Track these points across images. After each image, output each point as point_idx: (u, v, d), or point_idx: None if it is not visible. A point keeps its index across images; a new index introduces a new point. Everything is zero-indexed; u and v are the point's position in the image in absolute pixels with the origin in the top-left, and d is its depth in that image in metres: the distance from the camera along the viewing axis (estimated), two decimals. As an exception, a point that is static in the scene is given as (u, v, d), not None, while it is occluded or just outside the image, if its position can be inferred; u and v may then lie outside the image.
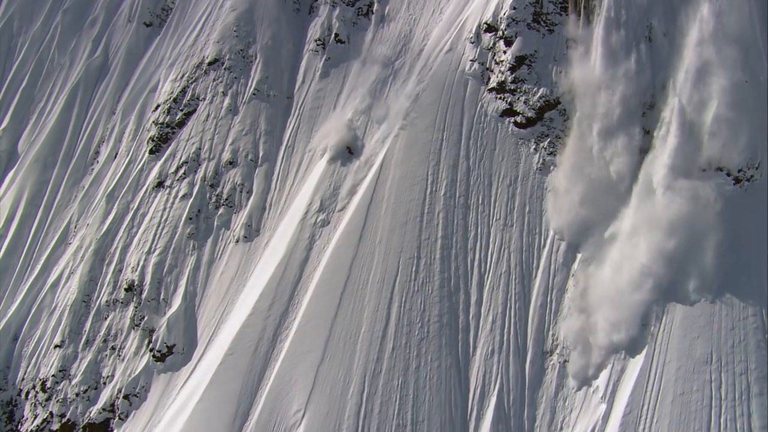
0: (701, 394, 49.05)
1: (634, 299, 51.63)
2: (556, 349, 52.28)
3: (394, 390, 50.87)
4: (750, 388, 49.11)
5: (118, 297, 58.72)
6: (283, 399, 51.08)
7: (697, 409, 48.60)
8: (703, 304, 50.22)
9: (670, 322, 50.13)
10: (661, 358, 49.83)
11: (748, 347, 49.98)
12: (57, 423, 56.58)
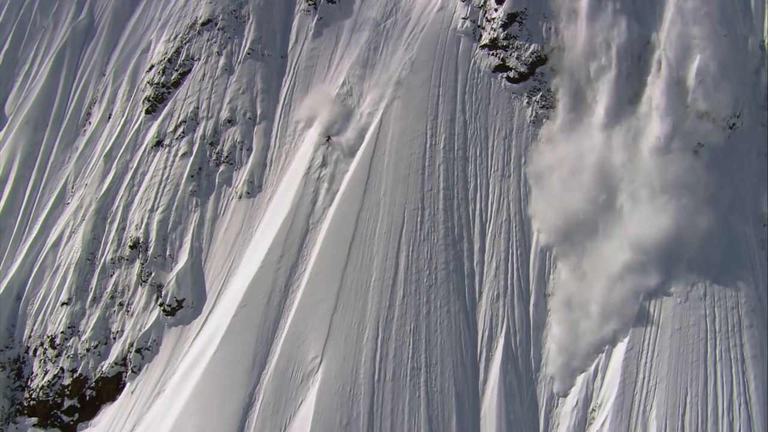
0: (697, 328, 52.30)
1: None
2: (557, 292, 55.08)
3: (407, 335, 52.86)
4: (741, 321, 52.53)
5: (123, 254, 59.40)
6: (299, 347, 52.64)
7: (694, 341, 51.84)
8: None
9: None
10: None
11: (739, 283, 53.54)
12: (68, 378, 57.21)
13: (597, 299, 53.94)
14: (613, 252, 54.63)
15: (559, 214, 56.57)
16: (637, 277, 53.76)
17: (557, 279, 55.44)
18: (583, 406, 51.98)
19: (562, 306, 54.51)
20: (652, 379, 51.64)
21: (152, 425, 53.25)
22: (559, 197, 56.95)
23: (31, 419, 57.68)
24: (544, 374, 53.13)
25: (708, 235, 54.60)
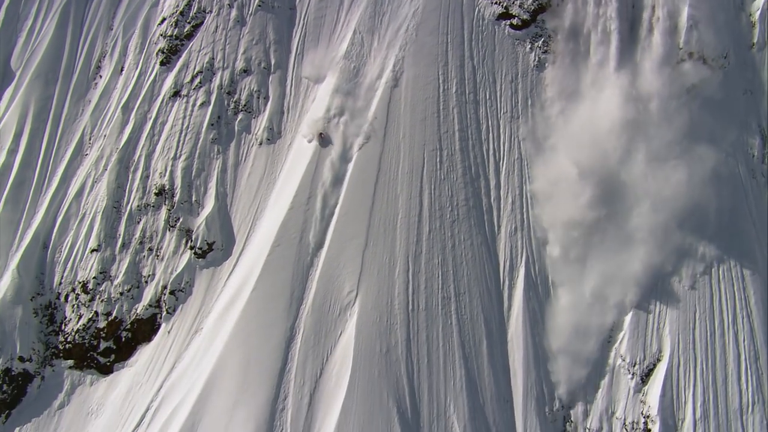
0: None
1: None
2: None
3: (435, 267, 56.08)
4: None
5: (148, 201, 61.00)
6: (335, 282, 55.40)
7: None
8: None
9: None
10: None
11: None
12: (103, 321, 58.88)
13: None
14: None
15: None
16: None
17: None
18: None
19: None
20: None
21: (194, 362, 55.55)
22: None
23: (67, 362, 59.30)
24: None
25: (715, 175, 59.35)
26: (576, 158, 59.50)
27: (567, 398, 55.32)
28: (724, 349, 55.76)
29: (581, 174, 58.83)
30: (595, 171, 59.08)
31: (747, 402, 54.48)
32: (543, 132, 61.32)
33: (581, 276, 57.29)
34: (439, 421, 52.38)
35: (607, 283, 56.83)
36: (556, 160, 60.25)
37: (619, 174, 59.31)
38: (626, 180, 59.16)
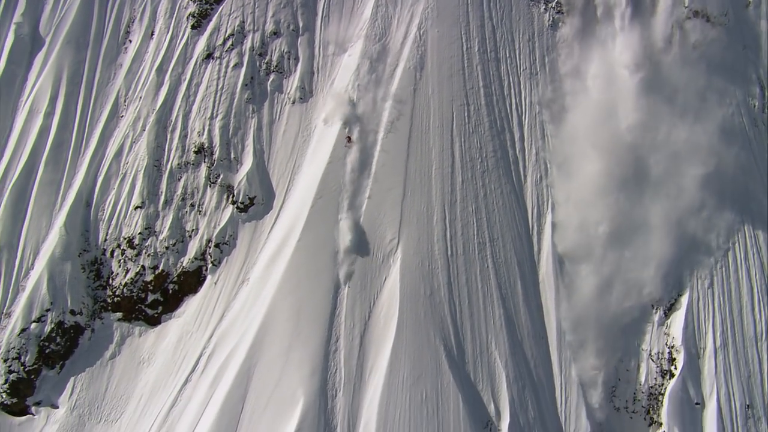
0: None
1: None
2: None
3: (470, 215, 59.50)
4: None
5: (188, 160, 63.38)
6: (377, 230, 58.56)
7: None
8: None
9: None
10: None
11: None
12: (150, 275, 61.32)
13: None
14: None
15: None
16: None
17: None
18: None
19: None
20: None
21: (244, 310, 58.38)
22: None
23: (116, 314, 61.69)
24: (589, 242, 61.30)
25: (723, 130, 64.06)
26: (590, 123, 63.54)
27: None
28: (739, 284, 60.18)
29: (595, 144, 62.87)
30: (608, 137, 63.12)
31: (761, 330, 58.97)
32: (558, 91, 65.12)
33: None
34: (483, 357, 56.01)
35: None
36: (571, 120, 64.13)
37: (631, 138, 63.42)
38: (639, 143, 63.17)
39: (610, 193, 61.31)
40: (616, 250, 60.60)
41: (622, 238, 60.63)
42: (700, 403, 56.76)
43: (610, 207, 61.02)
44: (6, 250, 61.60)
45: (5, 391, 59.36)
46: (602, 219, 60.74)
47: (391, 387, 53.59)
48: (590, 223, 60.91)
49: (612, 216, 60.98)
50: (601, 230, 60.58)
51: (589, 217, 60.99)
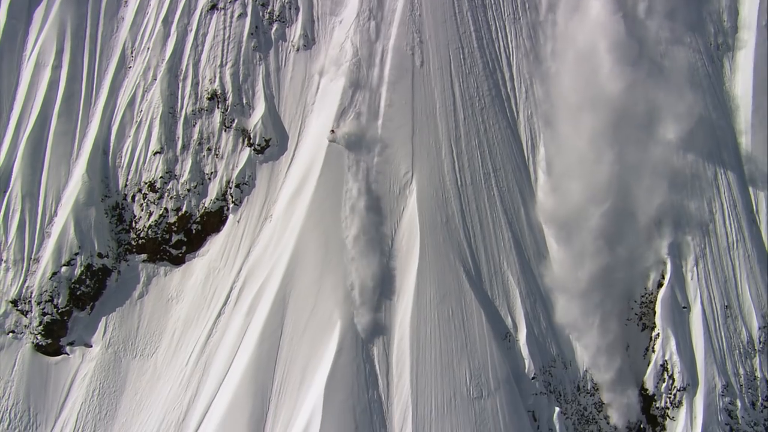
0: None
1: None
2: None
3: (474, 148, 64.47)
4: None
5: (202, 106, 66.15)
6: (392, 164, 62.96)
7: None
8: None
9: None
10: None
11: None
12: (173, 216, 64.16)
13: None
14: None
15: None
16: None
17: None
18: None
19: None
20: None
21: (271, 244, 62.13)
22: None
23: (141, 256, 64.46)
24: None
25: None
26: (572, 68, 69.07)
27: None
28: (711, 200, 67.06)
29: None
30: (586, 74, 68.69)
31: (732, 241, 66.14)
32: (539, 34, 70.40)
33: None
34: (497, 276, 61.41)
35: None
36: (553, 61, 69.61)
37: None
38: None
39: (595, 127, 66.86)
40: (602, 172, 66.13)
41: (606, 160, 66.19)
42: (687, 306, 63.60)
43: (594, 137, 66.61)
44: (28, 198, 63.42)
45: (40, 332, 61.68)
46: (587, 145, 66.35)
47: (420, 306, 58.51)
48: (577, 149, 66.45)
49: (593, 140, 66.55)
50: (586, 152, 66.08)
51: (576, 146, 66.52)
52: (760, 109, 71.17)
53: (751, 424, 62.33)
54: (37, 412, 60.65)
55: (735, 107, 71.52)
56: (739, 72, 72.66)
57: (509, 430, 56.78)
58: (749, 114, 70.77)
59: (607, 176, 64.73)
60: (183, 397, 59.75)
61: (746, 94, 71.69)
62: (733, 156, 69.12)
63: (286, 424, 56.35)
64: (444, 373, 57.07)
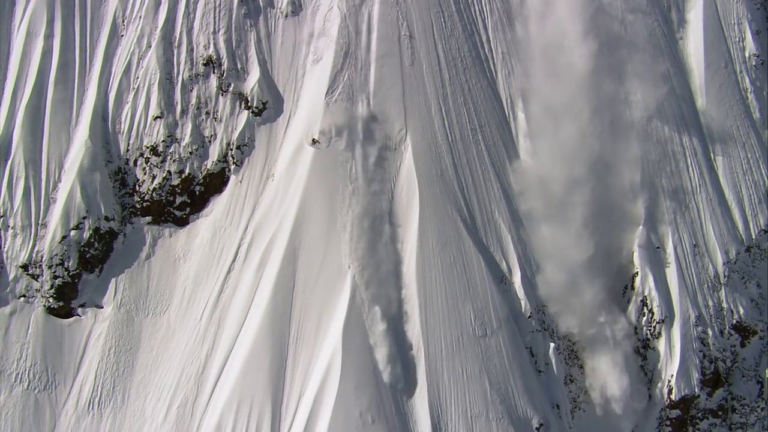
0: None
1: None
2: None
3: (460, 106, 68.45)
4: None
5: (198, 71, 68.09)
6: (385, 123, 66.31)
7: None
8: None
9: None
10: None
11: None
12: (177, 179, 66.23)
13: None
14: None
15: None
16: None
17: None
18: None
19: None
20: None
21: (275, 202, 64.79)
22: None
23: (145, 218, 66.42)
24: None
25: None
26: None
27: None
28: (674, 151, 72.81)
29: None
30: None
31: (695, 186, 72.11)
32: None
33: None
34: (490, 224, 65.67)
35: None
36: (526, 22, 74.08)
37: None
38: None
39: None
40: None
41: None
42: (660, 247, 69.26)
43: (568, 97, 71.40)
44: (31, 166, 64.51)
45: (52, 296, 63.18)
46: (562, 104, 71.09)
47: (424, 254, 62.29)
48: (553, 110, 71.14)
49: (568, 101, 71.32)
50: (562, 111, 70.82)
51: (551, 106, 71.18)
52: (712, 65, 77.42)
53: (720, 350, 68.57)
54: (55, 372, 62.29)
55: (689, 68, 77.56)
56: (691, 31, 78.64)
57: (512, 364, 61.24)
58: (702, 70, 76.83)
59: (581, 135, 69.62)
60: (200, 351, 62.24)
61: (698, 52, 77.83)
62: (692, 109, 75.01)
63: (306, 369, 59.52)
64: (450, 315, 61.07)
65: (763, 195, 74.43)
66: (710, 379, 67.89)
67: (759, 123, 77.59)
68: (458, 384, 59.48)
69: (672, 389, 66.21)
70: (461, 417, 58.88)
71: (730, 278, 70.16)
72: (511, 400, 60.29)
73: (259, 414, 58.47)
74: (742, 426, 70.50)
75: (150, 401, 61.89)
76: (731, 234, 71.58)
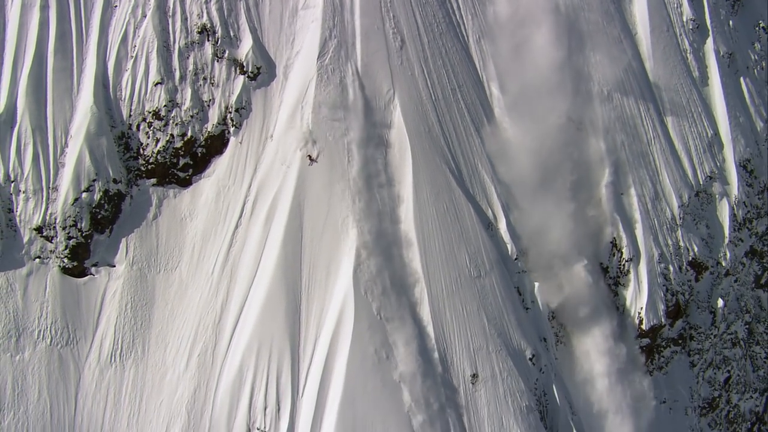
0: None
1: None
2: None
3: (440, 68, 73.71)
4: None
5: (193, 39, 71.02)
6: (374, 85, 70.87)
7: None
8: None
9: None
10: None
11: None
12: (179, 141, 69.33)
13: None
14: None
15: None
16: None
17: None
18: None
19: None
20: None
21: (277, 159, 68.57)
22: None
23: (150, 180, 69.45)
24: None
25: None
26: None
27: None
28: (630, 106, 79.82)
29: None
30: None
31: (650, 138, 79.40)
32: None
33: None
34: (475, 175, 71.20)
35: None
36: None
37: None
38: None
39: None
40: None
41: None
42: (624, 192, 76.30)
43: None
44: (38, 132, 66.69)
45: (66, 256, 65.80)
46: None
47: (420, 204, 67.31)
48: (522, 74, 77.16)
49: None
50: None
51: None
52: (656, 29, 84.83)
53: (680, 284, 76.14)
54: (75, 328, 65.10)
55: (636, 32, 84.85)
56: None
57: (505, 302, 67.12)
58: (648, 33, 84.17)
59: (549, 94, 76.04)
60: (215, 302, 66.01)
61: (643, 17, 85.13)
62: (642, 70, 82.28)
63: (319, 313, 64.13)
64: (448, 259, 66.44)
65: (706, 145, 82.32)
66: (672, 311, 75.30)
67: (698, 81, 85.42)
68: (459, 321, 64.99)
69: (642, 320, 73.42)
70: (464, 350, 64.49)
71: (684, 220, 77.73)
72: (507, 334, 66.16)
73: (279, 356, 62.98)
74: (699, 351, 78.66)
75: (170, 351, 65.45)
76: (683, 180, 79.18)
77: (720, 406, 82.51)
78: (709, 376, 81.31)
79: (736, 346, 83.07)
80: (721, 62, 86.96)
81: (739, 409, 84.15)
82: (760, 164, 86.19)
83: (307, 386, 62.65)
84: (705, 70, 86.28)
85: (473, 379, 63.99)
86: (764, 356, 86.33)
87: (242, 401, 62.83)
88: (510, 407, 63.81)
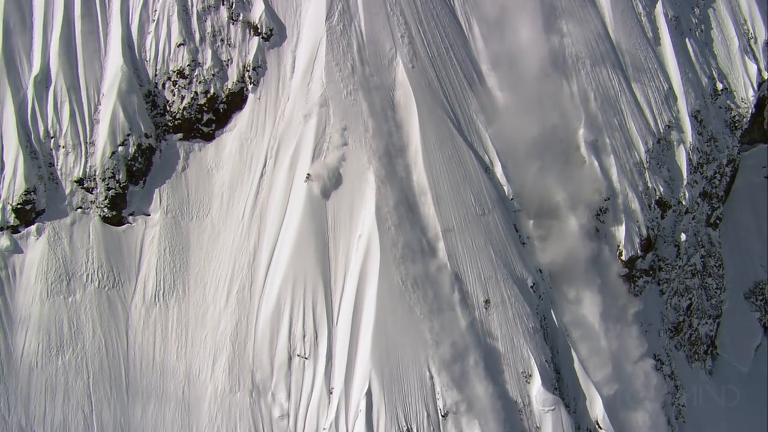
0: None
1: None
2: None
3: (433, 28, 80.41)
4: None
5: (209, 3, 76.21)
6: (377, 44, 77.42)
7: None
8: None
9: None
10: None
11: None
12: (203, 98, 74.64)
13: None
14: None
15: None
16: None
17: None
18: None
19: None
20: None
21: (295, 114, 74.57)
22: None
23: (177, 135, 74.70)
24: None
25: None
26: None
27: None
28: (599, 66, 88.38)
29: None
30: None
31: (617, 91, 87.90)
32: None
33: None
34: (472, 125, 78.41)
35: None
36: None
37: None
38: None
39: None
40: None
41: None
42: (598, 139, 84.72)
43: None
44: (72, 91, 71.35)
45: (106, 206, 70.80)
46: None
47: (428, 150, 74.20)
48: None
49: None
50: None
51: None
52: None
53: (649, 220, 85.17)
54: (119, 271, 70.25)
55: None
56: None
57: (507, 236, 74.76)
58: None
59: (530, 50, 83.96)
60: (248, 244, 71.91)
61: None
62: (604, 31, 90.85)
63: (346, 251, 70.60)
64: (455, 199, 73.61)
65: (663, 98, 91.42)
66: (644, 245, 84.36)
67: (652, 41, 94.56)
68: (470, 253, 72.37)
69: (622, 252, 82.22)
70: (477, 279, 71.92)
71: (650, 163, 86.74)
72: (511, 264, 73.87)
73: (313, 289, 69.37)
74: (667, 281, 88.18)
75: (209, 290, 71.14)
76: (647, 129, 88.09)
77: (684, 330, 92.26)
78: (675, 302, 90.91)
79: (695, 277, 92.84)
80: (670, 24, 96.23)
81: (699, 333, 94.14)
82: (707, 116, 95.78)
83: (341, 315, 69.24)
84: (657, 31, 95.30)
85: (486, 305, 71.48)
86: (715, 287, 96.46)
87: (282, 332, 69.11)
88: (519, 328, 71.56)
